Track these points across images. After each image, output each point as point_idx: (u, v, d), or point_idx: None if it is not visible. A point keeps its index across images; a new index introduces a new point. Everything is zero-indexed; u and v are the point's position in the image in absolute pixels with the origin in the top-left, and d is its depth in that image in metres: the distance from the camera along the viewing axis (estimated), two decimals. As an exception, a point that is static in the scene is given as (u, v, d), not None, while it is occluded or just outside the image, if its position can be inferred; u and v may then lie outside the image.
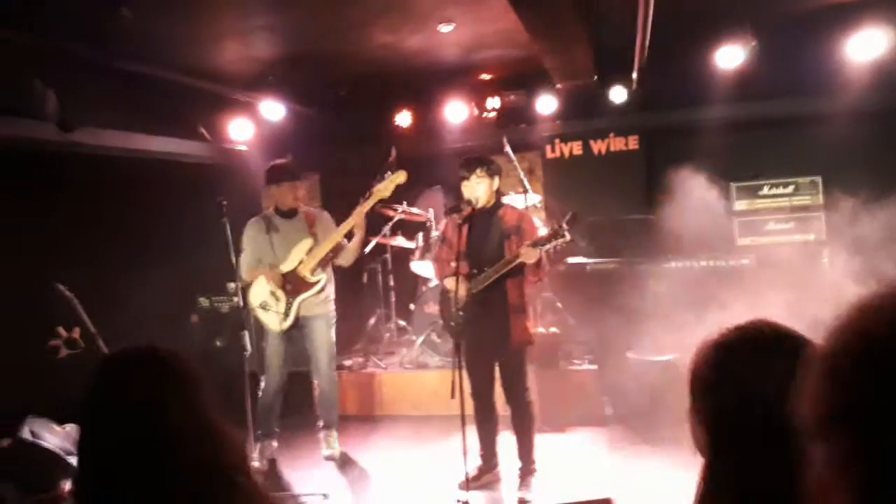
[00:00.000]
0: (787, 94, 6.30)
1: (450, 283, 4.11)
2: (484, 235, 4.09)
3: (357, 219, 4.68)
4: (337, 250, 4.79)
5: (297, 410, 5.28)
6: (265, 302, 4.75)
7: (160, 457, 1.26)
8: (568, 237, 3.75)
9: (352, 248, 4.80)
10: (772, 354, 1.20)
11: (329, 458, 4.89)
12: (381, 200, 4.85)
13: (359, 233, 4.74)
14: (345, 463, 4.94)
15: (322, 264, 4.77)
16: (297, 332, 4.82)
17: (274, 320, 4.74)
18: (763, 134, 6.64)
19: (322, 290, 4.77)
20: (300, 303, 4.72)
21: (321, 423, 4.99)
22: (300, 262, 4.72)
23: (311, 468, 4.85)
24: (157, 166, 6.16)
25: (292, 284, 4.72)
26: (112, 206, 5.55)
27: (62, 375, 4.61)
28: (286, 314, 4.71)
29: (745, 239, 6.39)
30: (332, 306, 4.91)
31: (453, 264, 4.03)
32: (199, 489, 1.27)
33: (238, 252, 4.73)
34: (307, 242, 4.75)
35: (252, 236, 4.80)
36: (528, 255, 3.81)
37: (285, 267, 4.73)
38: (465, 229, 4.11)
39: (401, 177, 4.76)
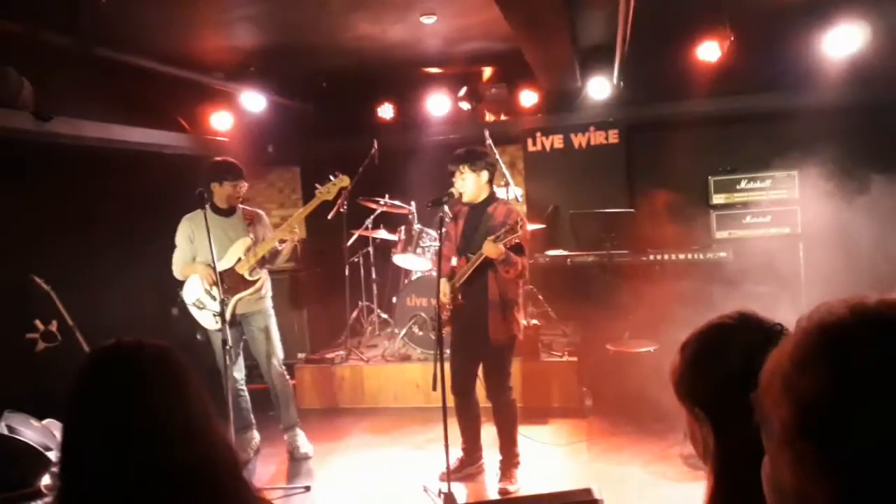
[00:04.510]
0: (764, 89, 6.37)
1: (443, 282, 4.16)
2: (473, 230, 4.11)
3: (288, 232, 4.59)
4: (275, 252, 4.73)
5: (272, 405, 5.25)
6: (199, 300, 4.67)
7: (146, 454, 1.24)
8: (518, 232, 3.73)
9: (283, 254, 4.73)
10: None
11: (300, 458, 4.83)
12: (324, 203, 4.78)
13: (290, 243, 4.65)
14: (326, 455, 4.94)
15: (260, 263, 4.69)
16: (237, 329, 4.73)
17: (208, 319, 4.64)
18: (741, 128, 6.72)
19: (259, 288, 4.69)
20: (237, 301, 4.63)
21: (281, 426, 4.90)
22: (238, 261, 4.63)
23: (292, 461, 4.85)
24: (135, 157, 6.09)
25: (229, 283, 4.59)
26: (90, 197, 5.48)
27: (40, 369, 4.58)
28: (221, 313, 4.57)
29: (722, 232, 6.47)
30: (269, 303, 4.81)
31: (454, 260, 4.11)
32: (188, 488, 1.26)
33: (173, 247, 4.66)
34: (245, 241, 4.66)
35: (187, 232, 4.66)
36: (489, 250, 3.82)
37: (222, 265, 4.58)
38: (460, 224, 4.19)
39: (344, 181, 4.73)
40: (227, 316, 4.55)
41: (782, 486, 0.72)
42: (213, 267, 4.15)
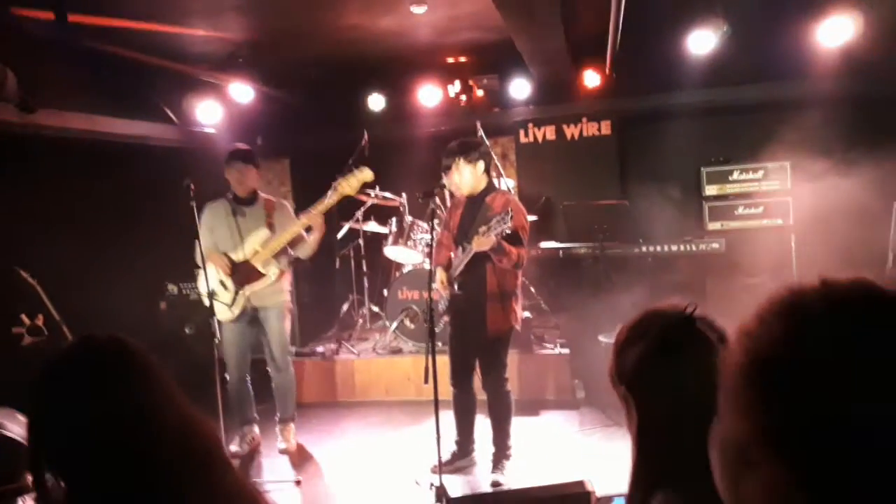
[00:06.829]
0: (757, 80, 6.36)
1: (438, 270, 4.13)
2: (471, 221, 4.07)
3: (315, 219, 4.50)
4: (294, 243, 4.63)
5: (268, 397, 5.23)
6: (213, 290, 4.58)
7: (121, 445, 1.22)
8: (507, 223, 3.66)
9: (310, 243, 4.63)
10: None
11: (284, 452, 4.81)
12: (345, 197, 4.67)
13: (317, 232, 4.57)
14: (317, 449, 4.92)
15: (276, 256, 4.63)
16: (250, 321, 4.71)
17: (220, 310, 4.57)
18: (734, 119, 6.70)
19: (274, 282, 4.64)
20: (250, 293, 4.60)
21: (277, 417, 4.90)
22: (254, 253, 4.58)
23: (281, 454, 4.82)
24: (122, 149, 6.02)
25: (242, 274, 4.57)
26: (76, 189, 5.41)
27: (26, 364, 4.52)
28: (232, 304, 4.57)
29: (715, 223, 6.47)
30: (285, 297, 4.77)
31: (452, 253, 4.10)
32: (168, 475, 1.24)
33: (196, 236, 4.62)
34: (263, 233, 4.59)
35: (209, 220, 4.61)
36: (479, 243, 3.77)
37: (238, 256, 4.57)
38: (457, 214, 4.17)
39: (367, 174, 4.59)
40: (238, 308, 4.54)
41: (726, 442, 0.72)
42: (202, 256, 4.08)
